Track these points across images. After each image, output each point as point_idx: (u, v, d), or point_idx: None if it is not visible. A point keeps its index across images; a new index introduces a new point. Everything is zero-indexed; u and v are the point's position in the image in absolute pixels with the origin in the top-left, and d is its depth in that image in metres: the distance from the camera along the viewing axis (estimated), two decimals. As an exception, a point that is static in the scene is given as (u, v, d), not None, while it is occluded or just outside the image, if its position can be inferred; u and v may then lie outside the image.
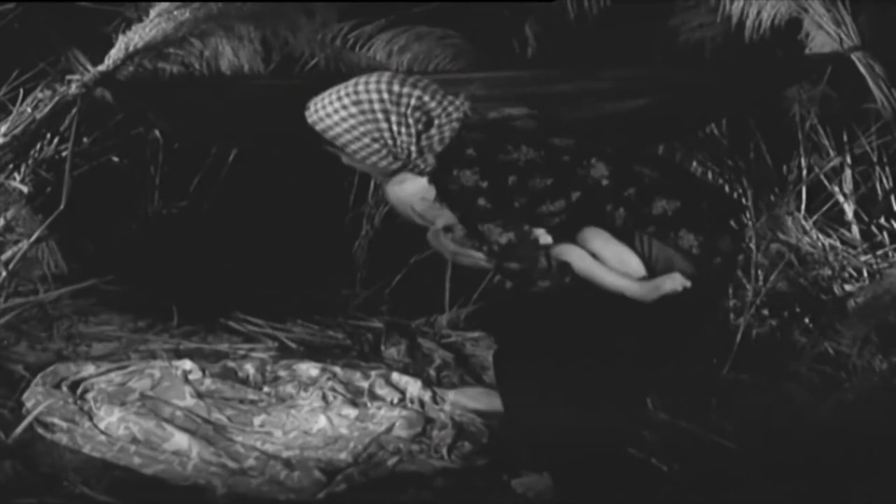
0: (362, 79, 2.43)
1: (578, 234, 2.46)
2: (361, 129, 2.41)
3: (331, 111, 2.41)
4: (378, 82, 2.41)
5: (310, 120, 2.45)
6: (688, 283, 2.41)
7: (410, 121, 2.40)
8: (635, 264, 2.45)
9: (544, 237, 2.46)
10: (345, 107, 2.40)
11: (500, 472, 2.62)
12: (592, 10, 3.51)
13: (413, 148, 2.42)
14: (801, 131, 3.68)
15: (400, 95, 2.40)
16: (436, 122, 2.41)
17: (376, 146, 2.43)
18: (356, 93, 2.40)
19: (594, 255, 2.45)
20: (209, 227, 3.84)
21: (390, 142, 2.42)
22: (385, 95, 2.39)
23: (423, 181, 2.51)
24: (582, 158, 2.43)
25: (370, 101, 2.40)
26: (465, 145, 2.40)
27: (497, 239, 2.40)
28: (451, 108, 2.43)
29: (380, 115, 2.40)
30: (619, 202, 2.43)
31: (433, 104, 2.41)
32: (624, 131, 3.02)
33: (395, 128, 2.40)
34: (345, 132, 2.42)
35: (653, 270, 2.44)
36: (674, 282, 2.41)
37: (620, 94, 2.93)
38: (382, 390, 3.04)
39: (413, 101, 2.40)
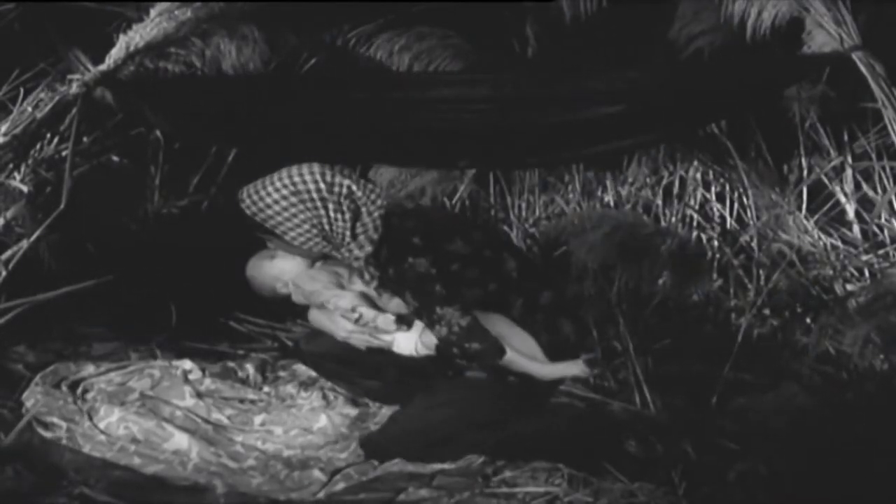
0: (294, 169, 2.63)
1: (484, 319, 2.64)
2: (301, 216, 2.62)
3: (270, 202, 2.61)
4: (312, 173, 2.61)
5: (248, 210, 2.63)
6: (588, 371, 2.71)
7: (344, 208, 2.62)
8: (537, 349, 2.67)
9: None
10: (284, 197, 2.60)
11: (498, 470, 2.63)
12: (589, 12, 3.50)
13: (347, 233, 2.64)
14: (801, 131, 3.68)
15: (332, 185, 2.61)
16: (363, 209, 2.64)
17: (314, 231, 2.64)
18: (293, 183, 2.60)
19: (501, 338, 2.65)
20: (209, 227, 3.83)
21: (327, 227, 2.64)
22: (321, 185, 2.60)
23: (299, 262, 2.83)
24: (500, 252, 2.73)
25: (308, 191, 2.60)
26: (411, 234, 2.64)
27: (459, 321, 2.60)
28: (373, 196, 2.66)
29: (318, 203, 2.61)
30: (520, 292, 2.69)
31: (359, 193, 2.64)
32: (624, 132, 3.02)
33: (331, 214, 2.62)
34: (285, 220, 2.62)
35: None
36: (579, 367, 2.68)
37: (620, 95, 2.92)
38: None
39: (344, 190, 2.62)
